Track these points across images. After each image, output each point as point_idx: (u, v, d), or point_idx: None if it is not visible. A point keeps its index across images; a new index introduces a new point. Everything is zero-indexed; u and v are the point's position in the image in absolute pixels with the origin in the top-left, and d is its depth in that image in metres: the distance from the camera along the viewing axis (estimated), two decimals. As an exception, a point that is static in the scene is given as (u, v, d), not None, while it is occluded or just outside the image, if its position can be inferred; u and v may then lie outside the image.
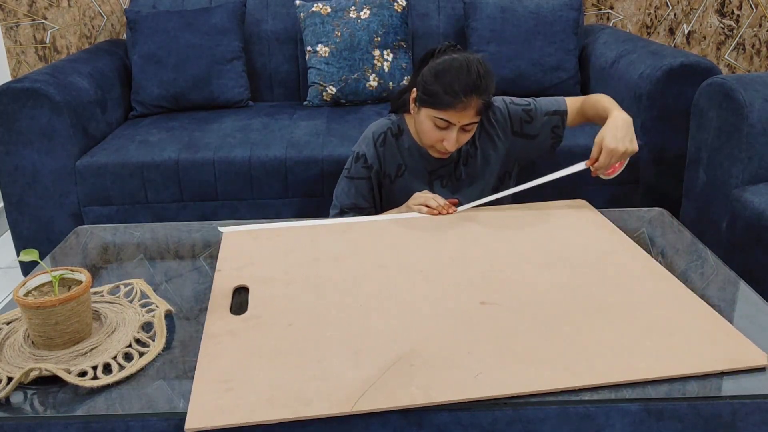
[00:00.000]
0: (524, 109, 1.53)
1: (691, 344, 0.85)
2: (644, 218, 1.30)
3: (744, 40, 2.82)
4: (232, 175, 1.97)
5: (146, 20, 2.34)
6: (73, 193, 1.99)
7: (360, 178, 1.49)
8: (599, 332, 0.88)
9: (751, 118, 1.66)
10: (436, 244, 1.16)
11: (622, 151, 1.30)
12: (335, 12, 2.35)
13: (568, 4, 2.38)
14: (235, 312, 0.96)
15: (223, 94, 2.34)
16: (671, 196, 2.05)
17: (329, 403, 0.75)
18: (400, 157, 1.50)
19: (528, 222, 1.25)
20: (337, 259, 1.11)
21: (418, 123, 1.41)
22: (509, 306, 0.95)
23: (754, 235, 1.60)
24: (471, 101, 1.33)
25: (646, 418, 0.77)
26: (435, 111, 1.35)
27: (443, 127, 1.36)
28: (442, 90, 1.33)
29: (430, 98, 1.35)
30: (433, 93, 1.34)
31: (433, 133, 1.38)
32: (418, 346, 0.86)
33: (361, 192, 1.49)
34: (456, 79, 1.32)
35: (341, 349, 0.85)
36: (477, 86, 1.32)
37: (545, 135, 1.54)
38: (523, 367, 0.81)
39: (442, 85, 1.33)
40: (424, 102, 1.37)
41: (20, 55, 2.74)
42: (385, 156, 1.50)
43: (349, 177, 1.50)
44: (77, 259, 1.18)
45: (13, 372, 0.82)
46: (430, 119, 1.37)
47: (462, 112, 1.34)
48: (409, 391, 0.77)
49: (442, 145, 1.39)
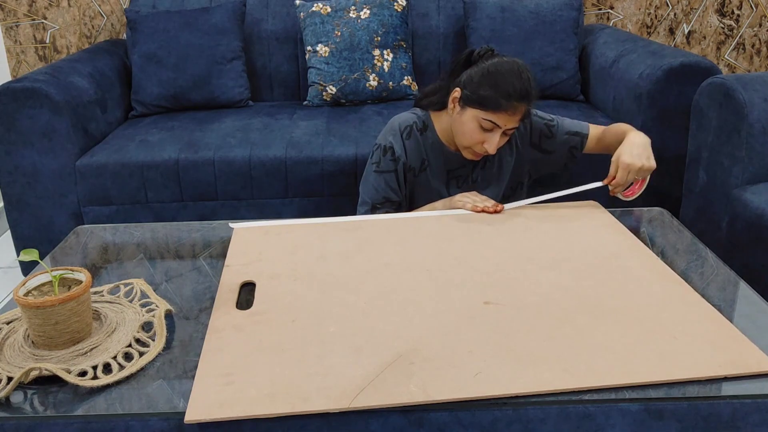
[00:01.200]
0: (547, 123, 1.54)
1: (695, 348, 0.85)
2: (644, 218, 1.30)
3: (744, 39, 2.82)
4: (232, 174, 1.97)
5: (146, 20, 2.34)
6: (73, 192, 1.99)
7: (389, 171, 1.47)
8: (601, 334, 0.88)
9: (751, 117, 1.66)
10: (443, 243, 1.16)
11: (639, 166, 1.30)
12: (335, 12, 2.35)
13: (568, 4, 2.38)
14: (240, 307, 0.97)
15: (223, 93, 2.34)
16: (671, 196, 2.05)
17: (327, 399, 0.76)
18: (423, 151, 1.50)
19: (537, 223, 1.25)
20: (344, 256, 1.12)
21: (460, 123, 1.41)
22: (513, 306, 0.95)
23: (754, 235, 1.60)
24: (521, 106, 1.35)
25: (646, 418, 0.77)
26: (484, 113, 1.36)
27: (488, 129, 1.37)
28: (496, 93, 1.34)
29: (482, 99, 1.35)
30: (484, 95, 1.35)
31: (476, 135, 1.38)
32: (419, 344, 0.86)
33: (391, 185, 1.47)
34: (510, 83, 1.34)
35: (343, 346, 0.86)
36: (528, 92, 1.34)
37: (561, 153, 1.55)
38: (523, 368, 0.81)
39: (495, 87, 1.34)
40: (471, 103, 1.37)
41: (20, 54, 2.74)
42: (411, 148, 1.49)
43: (379, 171, 1.48)
44: (77, 259, 1.18)
45: (13, 372, 0.82)
46: (476, 120, 1.37)
47: (511, 116, 1.35)
48: (408, 389, 0.77)
49: (482, 147, 1.39)
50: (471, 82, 1.38)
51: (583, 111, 2.23)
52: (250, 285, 1.05)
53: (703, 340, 0.86)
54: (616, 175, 1.32)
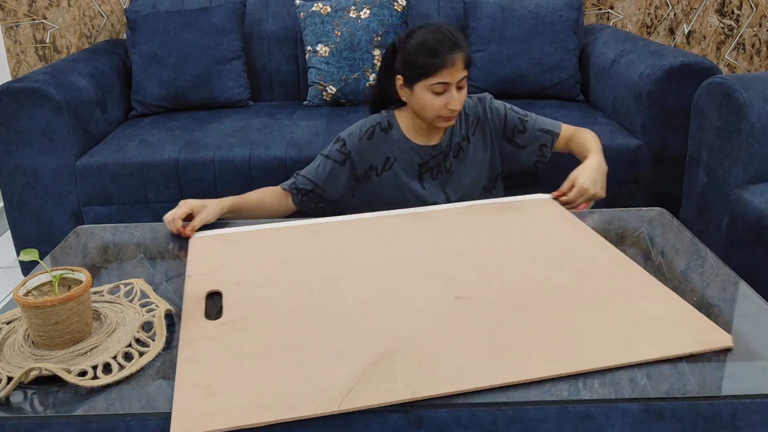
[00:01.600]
0: (520, 117, 1.58)
1: (660, 330, 0.88)
2: (644, 218, 1.30)
3: (744, 39, 2.82)
4: (232, 174, 1.97)
5: (146, 20, 2.34)
6: (73, 192, 1.99)
7: (334, 160, 1.52)
8: (572, 322, 0.90)
9: (751, 117, 1.66)
10: (406, 242, 1.17)
11: (592, 193, 1.37)
12: (335, 12, 2.35)
13: (568, 4, 2.38)
14: (209, 317, 0.95)
15: (223, 93, 2.34)
16: (671, 195, 2.05)
17: (315, 403, 0.75)
18: (388, 150, 1.53)
19: (494, 217, 1.27)
20: (309, 260, 1.11)
21: (417, 101, 1.45)
22: (484, 299, 0.96)
23: (754, 235, 1.60)
24: (456, 55, 1.40)
25: (646, 418, 0.77)
26: (429, 79, 1.41)
27: (441, 91, 1.42)
28: (428, 56, 1.40)
29: (420, 70, 1.41)
30: (420, 65, 1.41)
31: (435, 101, 1.42)
32: (398, 342, 0.86)
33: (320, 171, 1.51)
34: (434, 41, 1.40)
35: (322, 349, 0.85)
36: (455, 41, 1.40)
37: (532, 150, 1.59)
38: (503, 358, 0.82)
39: (425, 53, 1.40)
40: (415, 78, 1.43)
41: (20, 54, 2.74)
42: (372, 149, 1.52)
43: (325, 155, 1.53)
44: (77, 259, 1.18)
45: (13, 372, 0.82)
46: (427, 90, 1.42)
47: (452, 68, 1.40)
48: (394, 387, 0.77)
49: (447, 110, 1.43)
50: (404, 64, 1.45)
51: (583, 111, 2.23)
52: (215, 294, 1.03)
53: (667, 321, 0.90)
54: (569, 194, 1.37)
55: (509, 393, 0.78)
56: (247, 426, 0.73)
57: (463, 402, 0.76)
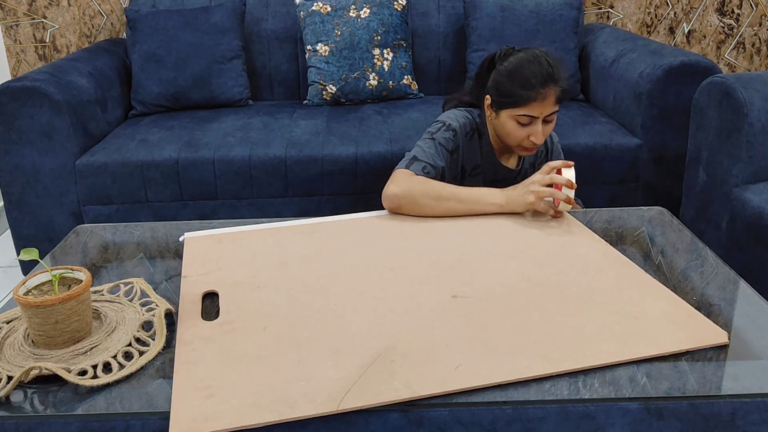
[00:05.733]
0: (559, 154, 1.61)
1: (656, 327, 0.89)
2: (644, 217, 1.30)
3: (744, 39, 2.82)
4: (232, 174, 1.97)
5: (146, 19, 2.34)
6: (73, 192, 1.99)
7: (444, 147, 1.42)
8: (569, 320, 0.91)
9: (751, 117, 1.66)
10: (402, 241, 1.17)
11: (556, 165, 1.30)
12: (335, 11, 2.35)
13: (568, 3, 2.38)
14: (206, 318, 0.95)
15: (223, 93, 2.34)
16: (671, 195, 2.05)
17: (314, 403, 0.75)
18: (479, 157, 1.49)
19: (491, 216, 1.27)
20: (305, 260, 1.11)
21: (499, 126, 1.42)
22: (480, 298, 0.96)
23: (754, 234, 1.60)
24: (548, 91, 1.35)
25: (646, 418, 0.77)
26: (516, 109, 1.37)
27: (527, 123, 1.38)
28: (519, 87, 1.35)
29: (509, 98, 1.37)
30: (510, 93, 1.36)
31: (518, 132, 1.39)
32: (396, 341, 0.86)
33: (442, 156, 1.41)
34: (530, 73, 1.34)
35: (320, 350, 0.85)
36: (551, 75, 1.35)
37: None
38: (501, 357, 0.82)
39: (517, 82, 1.35)
40: (502, 104, 1.39)
41: (20, 54, 2.74)
42: (468, 149, 1.48)
43: (434, 139, 1.42)
44: (77, 258, 1.18)
45: (13, 371, 0.82)
46: (512, 119, 1.38)
47: (542, 103, 1.36)
48: (393, 387, 0.77)
49: (529, 141, 1.39)
50: (496, 85, 1.40)
51: (583, 110, 2.23)
52: (212, 295, 1.02)
53: (663, 318, 0.91)
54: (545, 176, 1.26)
55: (509, 392, 0.78)
56: (246, 426, 0.73)
57: (463, 401, 0.76)
